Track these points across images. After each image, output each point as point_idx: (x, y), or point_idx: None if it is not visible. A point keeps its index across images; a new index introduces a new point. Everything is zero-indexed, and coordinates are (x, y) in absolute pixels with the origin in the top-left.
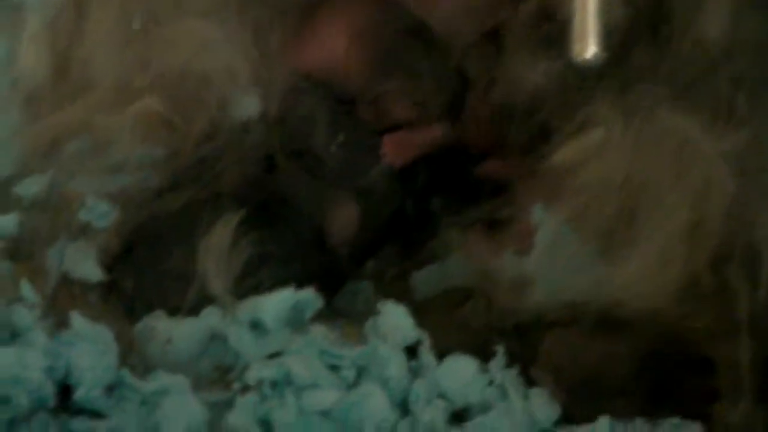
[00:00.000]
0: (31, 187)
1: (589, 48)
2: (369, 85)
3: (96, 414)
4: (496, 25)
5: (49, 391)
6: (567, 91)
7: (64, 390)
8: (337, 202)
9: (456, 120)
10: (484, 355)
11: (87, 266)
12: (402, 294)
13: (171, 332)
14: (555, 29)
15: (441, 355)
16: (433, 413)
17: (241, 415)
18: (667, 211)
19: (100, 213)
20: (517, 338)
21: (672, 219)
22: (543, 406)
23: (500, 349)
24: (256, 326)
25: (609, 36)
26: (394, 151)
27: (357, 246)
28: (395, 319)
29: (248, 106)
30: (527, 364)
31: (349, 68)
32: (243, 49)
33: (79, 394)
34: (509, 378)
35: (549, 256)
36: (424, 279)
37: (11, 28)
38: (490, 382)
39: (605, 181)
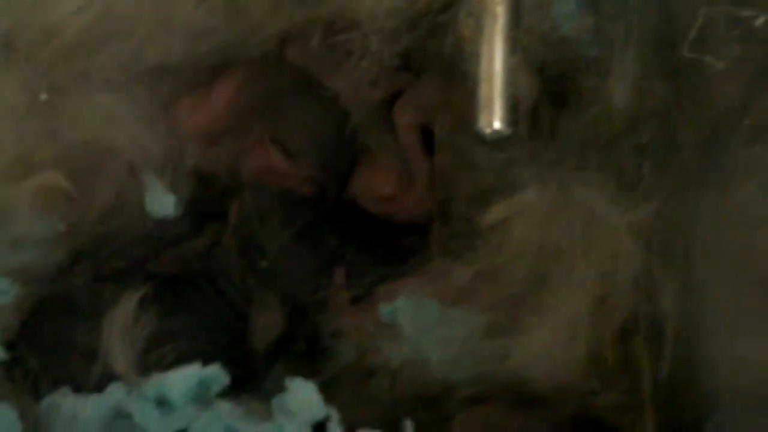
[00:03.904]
0: None
1: (494, 120)
2: (242, 132)
3: None
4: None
5: None
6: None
7: None
8: (263, 303)
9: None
10: (393, 430)
11: None
12: (310, 370)
13: (76, 410)
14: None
15: (349, 430)
16: None
17: None
18: (575, 283)
19: (1, 290)
20: (425, 411)
21: (580, 291)
22: None
23: (408, 424)
24: (162, 402)
25: (515, 107)
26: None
27: (273, 346)
28: (303, 396)
29: (165, 203)
30: None
31: (227, 118)
32: (150, 123)
33: None
34: None
35: (423, 333)
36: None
37: None
38: None
39: (523, 243)
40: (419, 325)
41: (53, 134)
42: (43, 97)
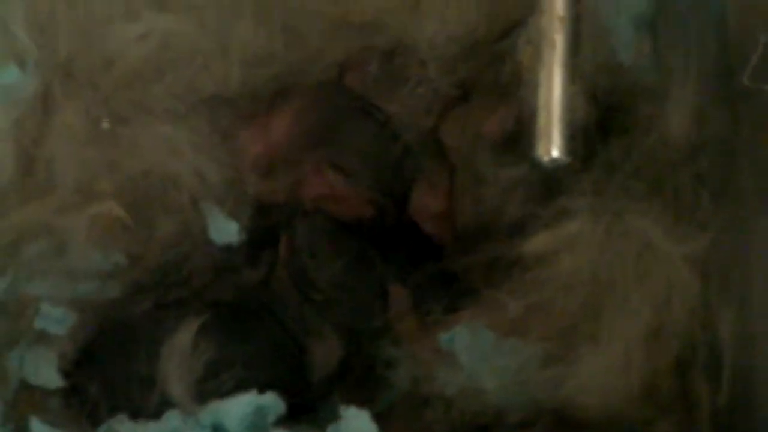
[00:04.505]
0: None
1: (553, 148)
2: (301, 159)
3: None
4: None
5: None
6: (544, 181)
7: None
8: (320, 333)
9: (400, 205)
10: None
11: (46, 373)
12: (364, 399)
13: None
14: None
15: None
16: None
17: None
18: (630, 312)
19: (55, 319)
20: None
21: (635, 320)
22: None
23: None
24: (218, 430)
25: (573, 136)
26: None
27: (329, 375)
28: (358, 424)
29: (228, 230)
30: None
31: (286, 146)
32: (211, 152)
33: None
34: None
35: (480, 362)
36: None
37: None
38: None
39: (574, 275)
40: (475, 353)
41: (114, 164)
42: (105, 125)
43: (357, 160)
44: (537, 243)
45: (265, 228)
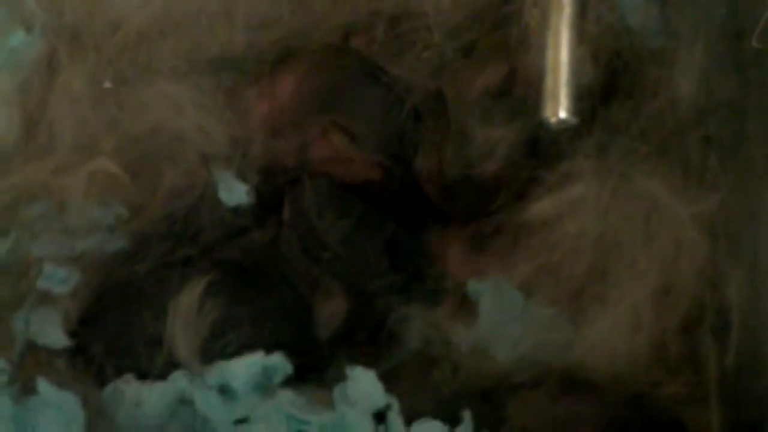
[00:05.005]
0: None
1: (560, 110)
2: (307, 122)
3: None
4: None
5: None
6: (551, 144)
7: None
8: (328, 291)
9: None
10: (452, 420)
11: (51, 333)
12: (371, 359)
13: (140, 396)
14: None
15: (409, 420)
16: None
17: None
18: (638, 273)
19: (59, 279)
20: (484, 402)
21: (643, 281)
22: None
23: (467, 415)
24: (224, 391)
25: (581, 97)
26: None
27: (336, 335)
28: (364, 385)
29: (237, 192)
30: (495, 427)
31: (291, 109)
32: (216, 112)
33: None
34: None
35: (499, 324)
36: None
37: None
38: None
39: (580, 238)
40: (498, 311)
41: (117, 123)
42: (107, 84)
43: (363, 123)
44: (542, 207)
45: (273, 189)
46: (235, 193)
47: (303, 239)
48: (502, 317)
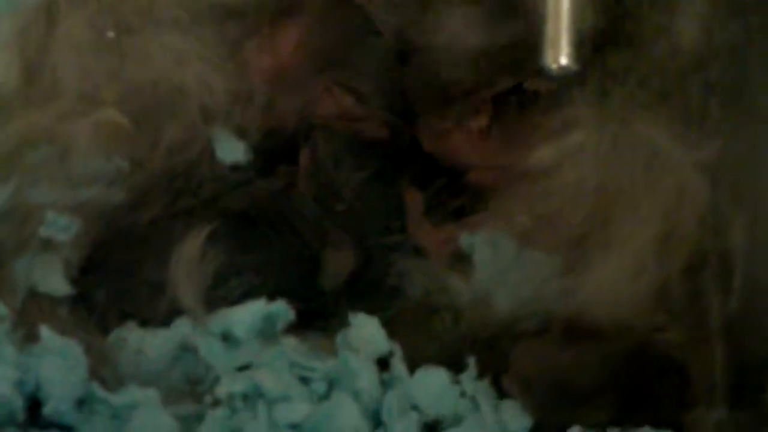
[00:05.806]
0: None
1: (561, 57)
2: (311, 78)
3: (66, 428)
4: None
5: (18, 405)
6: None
7: (34, 404)
8: (340, 244)
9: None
10: (455, 367)
11: (54, 280)
12: (373, 306)
13: (142, 343)
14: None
15: (412, 367)
16: (405, 425)
17: (212, 428)
18: (639, 220)
19: (61, 227)
20: (487, 349)
21: (645, 228)
22: (514, 417)
23: (471, 361)
24: (227, 338)
25: (582, 43)
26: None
27: (342, 285)
28: (367, 331)
29: (235, 150)
30: (498, 375)
31: (294, 62)
32: (218, 63)
33: (49, 409)
34: (480, 389)
35: (495, 275)
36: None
37: None
38: (462, 394)
39: (579, 185)
40: (493, 261)
41: (118, 72)
42: (110, 34)
43: (368, 81)
44: (542, 154)
45: (278, 143)
46: (234, 151)
47: (318, 189)
48: (497, 267)
